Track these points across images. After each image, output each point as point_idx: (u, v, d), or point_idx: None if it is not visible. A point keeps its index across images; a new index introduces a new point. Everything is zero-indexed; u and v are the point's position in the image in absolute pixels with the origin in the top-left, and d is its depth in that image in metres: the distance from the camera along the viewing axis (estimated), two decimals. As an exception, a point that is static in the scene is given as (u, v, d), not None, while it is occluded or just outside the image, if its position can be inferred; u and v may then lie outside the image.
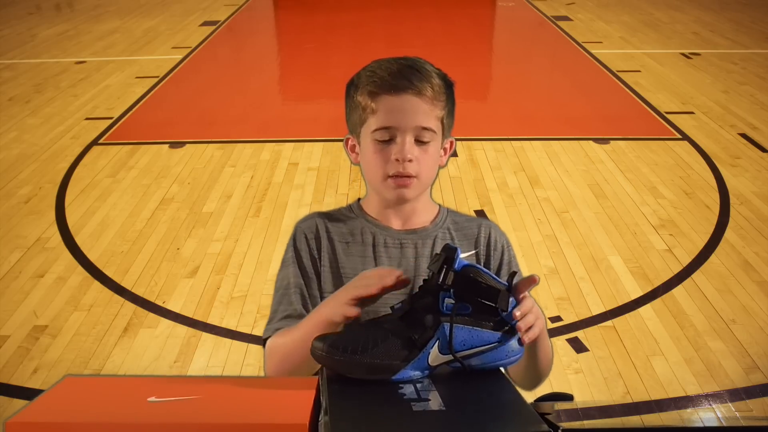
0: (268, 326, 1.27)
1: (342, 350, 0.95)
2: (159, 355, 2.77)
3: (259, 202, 3.99)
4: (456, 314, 0.98)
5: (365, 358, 0.95)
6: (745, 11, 8.94)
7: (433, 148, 1.24)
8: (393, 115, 1.21)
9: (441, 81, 1.24)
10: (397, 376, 0.96)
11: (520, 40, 8.23)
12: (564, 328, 2.89)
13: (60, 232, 3.70)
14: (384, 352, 0.96)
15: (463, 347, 0.98)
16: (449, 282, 0.97)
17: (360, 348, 0.96)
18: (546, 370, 1.22)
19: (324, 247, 1.29)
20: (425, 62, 1.26)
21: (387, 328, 0.99)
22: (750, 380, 2.60)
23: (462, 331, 0.98)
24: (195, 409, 0.85)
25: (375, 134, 1.23)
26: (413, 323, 0.99)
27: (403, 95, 1.21)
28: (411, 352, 0.97)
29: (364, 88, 1.23)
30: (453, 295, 0.98)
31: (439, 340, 0.98)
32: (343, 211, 1.35)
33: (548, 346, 1.21)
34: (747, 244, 3.50)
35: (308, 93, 6.01)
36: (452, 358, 0.98)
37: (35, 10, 9.59)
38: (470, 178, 4.26)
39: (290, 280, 1.28)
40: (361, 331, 1.00)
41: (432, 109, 1.22)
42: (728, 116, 5.25)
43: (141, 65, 6.78)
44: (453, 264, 0.98)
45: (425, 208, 1.33)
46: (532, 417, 0.84)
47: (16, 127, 5.21)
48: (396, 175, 1.22)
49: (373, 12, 9.18)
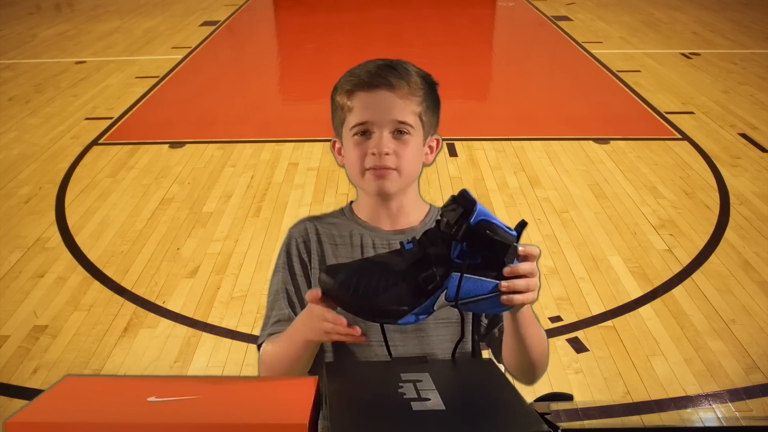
0: (261, 332, 1.29)
1: (353, 291, 0.97)
2: (159, 355, 2.77)
3: (259, 202, 3.99)
4: (467, 266, 0.98)
5: (375, 302, 0.97)
6: (745, 11, 8.93)
7: (412, 142, 1.25)
8: (368, 111, 1.23)
9: (420, 79, 1.26)
10: (403, 321, 0.98)
11: (520, 40, 8.23)
12: (564, 328, 2.89)
13: (60, 232, 3.70)
14: (394, 297, 0.98)
15: (468, 295, 0.99)
16: (464, 235, 0.97)
17: (371, 291, 0.97)
18: (540, 359, 1.19)
19: (314, 250, 1.31)
20: (407, 63, 1.28)
21: (397, 271, 0.99)
22: (750, 380, 2.60)
23: (469, 281, 0.99)
24: (195, 409, 0.85)
25: (353, 131, 1.25)
26: (424, 270, 0.99)
27: (376, 91, 1.23)
28: (419, 299, 0.99)
29: (342, 88, 1.27)
30: (465, 246, 0.98)
31: (447, 289, 0.99)
32: (335, 215, 1.37)
33: (537, 331, 1.17)
34: (747, 244, 3.50)
35: (308, 93, 6.00)
36: (454, 303, 0.99)
37: (35, 10, 9.59)
38: (470, 178, 4.26)
39: (280, 285, 1.30)
40: (372, 271, 1.00)
41: (407, 104, 1.24)
42: (728, 116, 5.25)
43: (141, 65, 6.78)
44: (470, 218, 0.97)
45: (414, 207, 1.33)
46: (532, 417, 0.84)
47: (16, 127, 5.21)
48: (374, 168, 1.24)
49: (373, 12, 9.18)
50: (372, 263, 1.03)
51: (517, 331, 1.13)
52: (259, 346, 1.27)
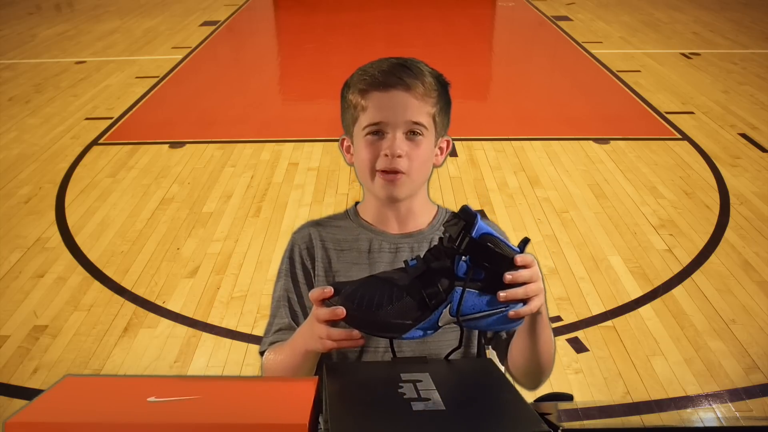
0: (263, 339, 1.28)
1: (357, 304, 0.97)
2: (159, 355, 2.77)
3: (259, 202, 3.99)
4: (470, 280, 0.98)
5: (379, 315, 0.97)
6: (745, 11, 8.93)
7: (425, 144, 1.23)
8: (383, 111, 1.21)
9: (433, 79, 1.24)
10: (407, 335, 0.98)
11: (520, 40, 8.23)
12: (564, 328, 2.89)
13: (60, 232, 3.70)
14: (398, 311, 0.98)
15: (472, 311, 0.99)
16: (467, 249, 0.98)
17: (375, 305, 0.97)
18: (548, 363, 1.19)
19: (318, 256, 1.29)
20: (420, 62, 1.26)
21: (402, 286, 1.00)
22: (750, 380, 2.60)
23: (472, 296, 0.99)
24: (195, 409, 0.85)
25: (366, 131, 1.23)
26: (427, 284, 0.99)
27: (392, 91, 1.21)
28: (423, 313, 0.99)
29: (355, 87, 1.24)
30: (468, 260, 0.98)
31: (451, 303, 0.99)
32: (339, 217, 1.34)
33: (549, 335, 1.17)
34: (747, 244, 3.50)
35: (308, 93, 6.01)
36: (456, 318, 0.99)
37: (35, 10, 9.59)
38: (470, 178, 4.26)
39: (282, 292, 1.29)
40: (376, 286, 1.00)
41: (422, 105, 1.22)
42: (728, 116, 5.25)
43: (141, 65, 6.78)
44: (471, 231, 0.97)
45: (423, 209, 1.32)
46: (532, 417, 0.84)
47: (16, 127, 5.21)
48: (384, 170, 1.22)
49: (373, 12, 9.18)
50: (376, 279, 1.03)
51: (532, 331, 1.13)
52: (262, 353, 1.26)
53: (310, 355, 1.12)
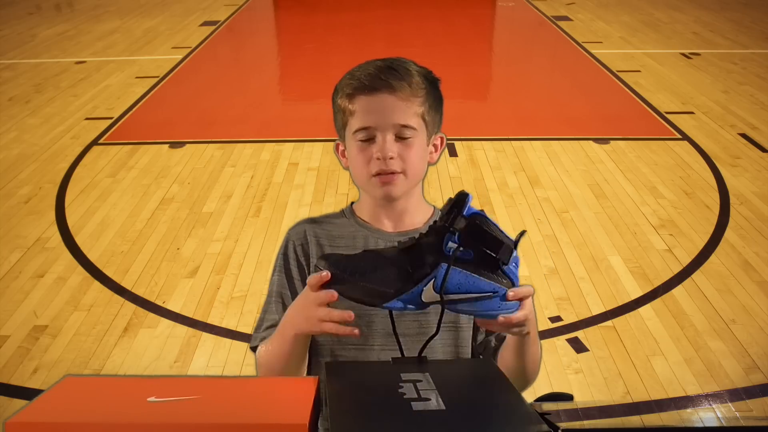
0: (254, 334, 1.29)
1: (342, 270, 1.00)
2: (159, 355, 2.77)
3: (259, 202, 3.99)
4: (457, 258, 0.99)
5: (362, 281, 0.99)
6: (745, 11, 8.94)
7: (416, 144, 1.24)
8: (370, 115, 1.22)
9: (421, 78, 1.24)
10: (388, 304, 1.00)
11: (520, 40, 8.23)
12: (564, 328, 2.89)
13: (60, 232, 3.70)
14: (380, 278, 0.99)
15: (458, 290, 0.99)
16: (456, 226, 0.98)
17: (359, 272, 1.00)
18: (532, 375, 1.22)
19: (312, 252, 1.30)
20: (407, 61, 1.26)
21: (388, 257, 1.02)
22: (750, 380, 2.60)
23: (459, 274, 0.99)
24: (195, 409, 0.85)
25: (356, 135, 1.24)
26: (414, 259, 1.00)
27: (377, 94, 1.21)
28: (405, 284, 0.99)
29: (343, 91, 1.25)
30: (458, 239, 0.99)
31: (435, 278, 0.99)
32: (335, 216, 1.36)
33: (536, 351, 1.20)
34: (747, 244, 3.50)
35: (308, 93, 6.01)
36: (440, 295, 0.99)
37: (35, 10, 9.59)
38: (470, 178, 4.26)
39: (275, 288, 1.30)
40: (364, 257, 1.03)
41: (409, 105, 1.22)
42: (728, 116, 5.25)
43: (141, 65, 6.79)
44: (462, 208, 0.98)
45: (418, 208, 1.32)
46: (532, 417, 0.84)
47: (16, 127, 5.21)
48: (379, 173, 1.22)
49: (373, 12, 9.18)
50: (366, 251, 1.06)
51: (520, 347, 1.16)
52: (254, 350, 1.26)
53: (299, 338, 1.12)
